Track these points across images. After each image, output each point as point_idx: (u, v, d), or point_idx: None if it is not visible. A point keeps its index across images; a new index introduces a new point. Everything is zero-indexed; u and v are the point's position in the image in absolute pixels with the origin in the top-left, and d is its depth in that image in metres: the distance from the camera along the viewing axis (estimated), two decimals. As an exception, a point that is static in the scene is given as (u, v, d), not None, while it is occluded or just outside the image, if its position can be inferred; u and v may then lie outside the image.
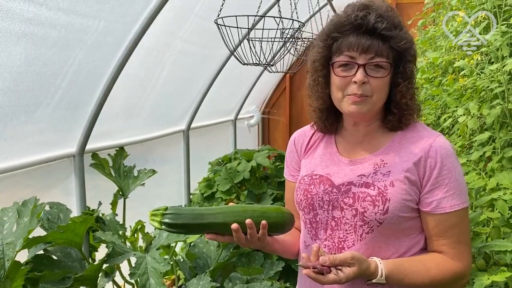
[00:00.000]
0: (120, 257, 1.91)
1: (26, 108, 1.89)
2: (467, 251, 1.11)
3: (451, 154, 1.10)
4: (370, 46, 1.07)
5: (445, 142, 1.12)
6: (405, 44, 1.10)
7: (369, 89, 1.10)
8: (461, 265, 1.09)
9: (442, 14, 2.52)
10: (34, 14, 1.62)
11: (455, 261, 1.10)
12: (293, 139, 1.37)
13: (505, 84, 1.41)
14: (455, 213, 1.08)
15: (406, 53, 1.11)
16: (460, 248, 1.10)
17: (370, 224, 1.11)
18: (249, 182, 3.48)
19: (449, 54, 2.04)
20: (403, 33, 1.11)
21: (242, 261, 2.62)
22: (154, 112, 3.14)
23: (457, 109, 1.68)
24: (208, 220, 1.10)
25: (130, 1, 2.10)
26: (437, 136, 1.14)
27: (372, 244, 1.12)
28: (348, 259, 1.02)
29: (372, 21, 1.07)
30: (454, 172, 1.09)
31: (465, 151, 1.78)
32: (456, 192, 1.08)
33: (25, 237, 1.56)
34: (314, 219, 1.21)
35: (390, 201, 1.09)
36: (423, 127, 1.19)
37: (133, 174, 2.47)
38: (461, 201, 1.09)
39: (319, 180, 1.21)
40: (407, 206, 1.10)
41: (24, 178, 2.08)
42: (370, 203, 1.11)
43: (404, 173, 1.11)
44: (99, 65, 2.20)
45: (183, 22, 2.83)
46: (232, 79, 4.28)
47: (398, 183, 1.10)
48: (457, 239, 1.10)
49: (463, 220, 1.10)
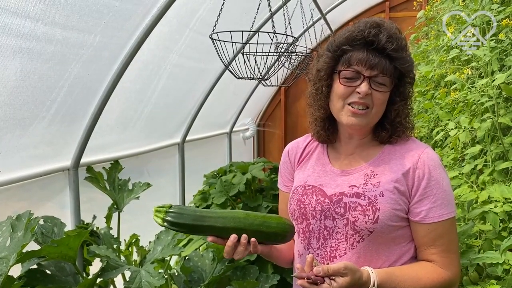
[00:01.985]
0: (114, 271, 1.89)
1: (21, 122, 1.90)
2: (455, 260, 1.14)
3: (438, 165, 1.15)
4: (378, 64, 1.12)
5: (433, 154, 1.17)
6: (408, 66, 1.16)
7: (370, 101, 1.15)
8: (450, 274, 1.13)
9: (434, 28, 2.56)
10: (30, 29, 1.64)
11: (445, 269, 1.13)
12: (286, 150, 1.40)
13: (495, 98, 1.44)
14: (444, 223, 1.12)
15: (407, 75, 1.17)
16: (449, 257, 1.13)
17: (361, 233, 1.14)
18: (244, 195, 3.48)
19: (441, 68, 2.07)
20: (408, 56, 1.16)
21: (237, 274, 2.60)
22: (149, 125, 3.14)
23: (449, 122, 1.70)
24: (209, 223, 1.12)
25: (126, 16, 2.12)
26: (425, 148, 1.18)
27: (364, 253, 1.15)
28: (341, 269, 1.04)
29: (383, 40, 1.12)
30: (442, 183, 1.13)
31: (458, 164, 1.80)
32: (444, 202, 1.12)
33: (18, 251, 1.55)
34: (307, 229, 1.23)
35: (380, 211, 1.12)
36: (412, 140, 1.23)
37: (127, 188, 2.47)
38: (448, 211, 1.13)
39: (311, 191, 1.24)
40: (397, 215, 1.13)
41: (19, 191, 2.08)
42: (360, 213, 1.14)
43: (393, 183, 1.14)
44: (95, 79, 2.21)
45: (179, 37, 2.86)
46: (227, 92, 4.31)
47: (387, 193, 1.14)
48: (446, 248, 1.13)
49: (451, 229, 1.14)
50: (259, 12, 2.69)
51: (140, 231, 2.57)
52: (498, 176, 1.43)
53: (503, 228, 1.28)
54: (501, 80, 1.38)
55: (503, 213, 1.26)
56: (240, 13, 3.09)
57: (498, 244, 1.29)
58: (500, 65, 1.54)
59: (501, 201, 1.27)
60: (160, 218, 1.12)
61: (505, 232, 1.27)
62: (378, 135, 1.22)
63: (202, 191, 3.66)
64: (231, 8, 2.40)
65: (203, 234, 1.17)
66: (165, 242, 2.16)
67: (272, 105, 5.89)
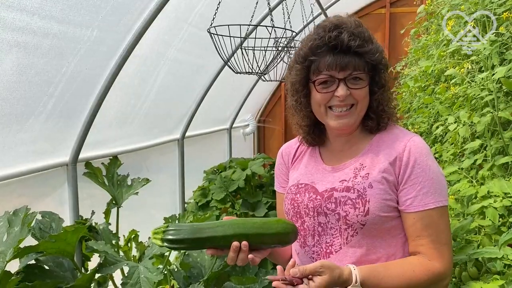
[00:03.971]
0: (112, 267, 1.89)
1: (19, 117, 1.89)
2: (446, 251, 1.10)
3: (425, 153, 1.12)
4: (348, 64, 1.12)
5: (420, 142, 1.15)
6: (378, 56, 1.15)
7: (352, 99, 1.16)
8: (439, 266, 1.08)
9: (434, 23, 2.54)
10: (27, 23, 1.62)
11: (434, 261, 1.09)
12: (280, 152, 1.42)
13: (495, 93, 1.42)
14: (430, 212, 1.09)
15: (379, 64, 1.16)
16: (438, 248, 1.09)
17: (354, 227, 1.14)
18: (244, 191, 3.47)
19: (441, 63, 2.06)
20: (375, 47, 1.16)
21: (236, 270, 2.60)
22: (148, 121, 3.13)
23: (449, 117, 1.69)
24: (208, 234, 1.10)
25: (123, 10, 2.10)
26: (412, 136, 1.17)
27: (360, 247, 1.14)
28: (318, 268, 1.02)
29: (345, 40, 1.11)
30: (428, 171, 1.11)
31: (457, 159, 1.79)
32: (430, 190, 1.09)
33: (15, 246, 1.54)
34: (302, 227, 1.24)
35: (370, 202, 1.12)
36: (399, 129, 1.22)
37: (126, 183, 2.46)
38: (435, 200, 1.09)
39: (304, 189, 1.25)
40: (388, 205, 1.12)
41: (19, 187, 2.07)
42: (351, 206, 1.13)
43: (381, 173, 1.14)
44: (93, 74, 2.20)
45: (177, 32, 2.84)
46: (227, 88, 4.29)
47: (376, 184, 1.13)
48: (435, 239, 1.09)
49: (439, 219, 1.10)
50: (259, 7, 2.68)
51: (139, 227, 2.56)
52: (498, 171, 1.42)
53: (502, 223, 1.27)
54: (501, 74, 1.36)
55: (502, 208, 1.25)
56: (239, 8, 3.08)
57: (497, 239, 1.28)
58: (501, 59, 1.52)
59: (500, 196, 1.26)
60: (159, 239, 1.10)
61: (504, 227, 1.26)
62: (365, 126, 1.22)
63: (202, 187, 3.66)
64: (230, 2, 2.39)
65: (204, 247, 1.13)
66: (163, 238, 2.15)
67: (272, 101, 5.88)
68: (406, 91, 3.03)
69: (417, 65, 2.74)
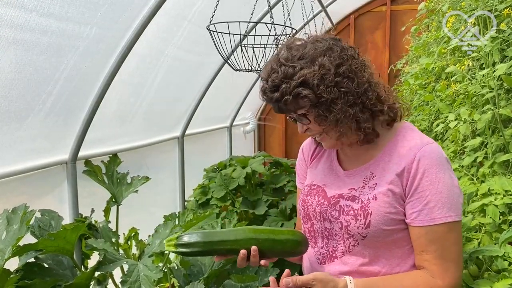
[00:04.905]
0: (112, 265, 1.88)
1: (17, 114, 1.88)
2: (451, 268, 1.04)
3: (436, 164, 1.05)
4: (285, 110, 1.10)
5: (432, 152, 1.07)
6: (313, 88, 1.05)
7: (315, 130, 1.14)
8: (441, 283, 1.04)
9: (435, 20, 2.53)
10: (25, 20, 1.62)
11: (436, 278, 1.05)
12: (302, 147, 1.41)
13: (496, 90, 1.41)
14: (436, 227, 1.04)
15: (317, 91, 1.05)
16: (442, 265, 1.04)
17: (355, 237, 1.12)
18: (244, 189, 3.47)
19: (441, 60, 2.05)
20: (300, 77, 1.05)
21: (236, 268, 2.59)
22: (148, 119, 3.13)
23: (450, 114, 1.68)
24: (220, 238, 1.14)
25: (122, 8, 2.09)
26: (425, 145, 1.08)
27: (362, 256, 1.13)
28: (310, 281, 1.02)
29: (270, 95, 1.09)
30: (437, 184, 1.04)
31: (458, 157, 1.78)
32: (437, 205, 1.03)
33: (14, 244, 1.54)
34: (312, 228, 1.24)
35: (372, 215, 1.08)
36: (415, 135, 1.14)
37: (126, 181, 2.46)
38: (443, 215, 1.03)
39: (315, 191, 1.24)
40: (391, 219, 1.08)
41: (18, 185, 2.07)
42: (352, 217, 1.11)
43: (388, 185, 1.09)
44: (92, 72, 2.19)
45: (177, 29, 2.83)
46: (227, 86, 4.28)
47: (381, 196, 1.09)
48: (439, 255, 1.04)
49: (446, 235, 1.04)
50: (259, 5, 2.67)
51: (140, 225, 2.56)
52: (499, 168, 1.41)
53: (503, 221, 1.26)
54: (502, 71, 1.35)
55: (503, 205, 1.24)
56: (239, 6, 3.06)
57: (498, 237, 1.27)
58: (502, 56, 1.51)
59: (501, 193, 1.25)
60: (173, 245, 1.14)
61: (505, 225, 1.26)
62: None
63: (202, 185, 3.66)
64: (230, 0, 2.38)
65: (215, 252, 1.15)
66: (163, 236, 2.15)
67: (273, 99, 5.86)
68: (406, 89, 3.02)
69: (418, 62, 2.73)
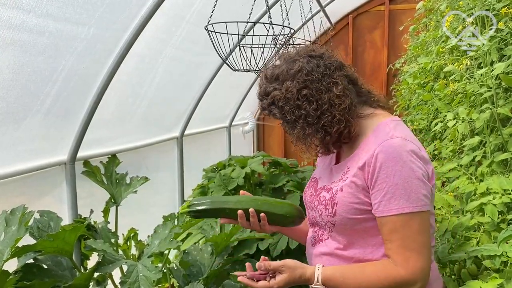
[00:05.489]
0: (111, 266, 1.88)
1: (16, 115, 1.88)
2: (413, 258, 1.09)
3: (394, 157, 1.10)
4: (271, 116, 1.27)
5: (390, 147, 1.12)
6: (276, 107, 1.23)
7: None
8: (403, 272, 1.09)
9: (433, 19, 2.53)
10: (23, 21, 1.61)
11: (399, 267, 1.10)
12: None
13: (494, 89, 1.41)
14: (394, 218, 1.10)
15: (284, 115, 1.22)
16: (404, 254, 1.09)
17: (328, 225, 1.24)
18: (243, 189, 3.46)
19: (440, 59, 2.05)
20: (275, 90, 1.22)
21: (235, 268, 2.59)
22: (147, 119, 3.12)
23: (448, 113, 1.68)
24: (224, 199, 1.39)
25: (120, 8, 2.09)
26: (385, 140, 1.14)
27: (337, 241, 1.24)
28: (280, 267, 1.15)
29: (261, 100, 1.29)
30: (393, 177, 1.09)
31: (456, 156, 1.78)
32: (394, 196, 1.09)
33: (12, 245, 1.54)
34: (308, 216, 1.39)
35: (338, 205, 1.19)
36: (388, 130, 1.18)
37: (125, 182, 2.45)
38: (399, 206, 1.09)
39: (312, 183, 1.39)
40: (355, 208, 1.16)
41: (17, 186, 2.06)
42: (323, 207, 1.24)
43: (352, 177, 1.17)
44: (90, 72, 2.19)
45: (175, 29, 2.83)
46: (226, 85, 4.28)
47: (346, 188, 1.18)
48: (401, 244, 1.10)
49: (405, 225, 1.09)
50: (257, 5, 2.67)
51: (139, 226, 2.56)
52: (497, 167, 1.41)
53: (501, 220, 1.26)
54: (500, 70, 1.35)
55: (502, 204, 1.24)
56: (237, 6, 3.06)
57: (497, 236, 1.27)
58: (500, 55, 1.51)
59: (499, 192, 1.25)
60: (186, 207, 1.39)
61: (504, 224, 1.26)
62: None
63: (201, 185, 3.65)
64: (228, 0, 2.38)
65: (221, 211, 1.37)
66: (162, 236, 2.15)
67: (272, 99, 5.86)
68: (405, 88, 3.02)
69: (416, 62, 2.73)
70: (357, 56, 5.46)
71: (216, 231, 2.50)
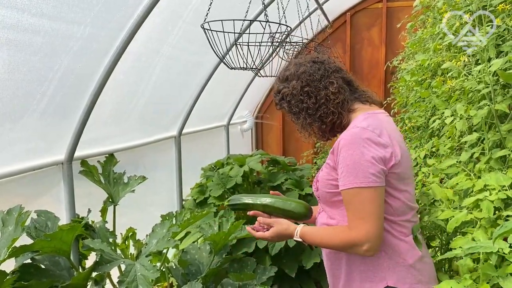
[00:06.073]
0: (109, 265, 1.88)
1: (12, 115, 1.87)
2: (361, 225, 1.33)
3: (348, 144, 1.36)
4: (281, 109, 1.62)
5: (349, 135, 1.38)
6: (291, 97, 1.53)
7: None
8: (353, 235, 1.34)
9: (431, 16, 2.53)
10: (17, 20, 1.60)
11: (351, 230, 1.35)
12: None
13: (492, 85, 1.41)
14: (347, 191, 1.36)
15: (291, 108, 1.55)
16: (355, 221, 1.35)
17: (319, 199, 1.56)
18: (242, 187, 3.45)
19: (437, 56, 2.04)
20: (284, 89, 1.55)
21: (234, 266, 2.59)
22: (144, 118, 3.12)
23: (446, 111, 1.67)
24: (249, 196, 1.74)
25: (116, 7, 2.08)
26: (350, 129, 1.42)
27: (325, 212, 1.54)
28: (272, 223, 1.56)
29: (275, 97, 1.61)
30: (347, 159, 1.35)
31: (455, 153, 1.78)
32: (346, 175, 1.35)
33: (9, 245, 1.53)
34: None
35: (319, 182, 1.51)
36: (358, 122, 1.43)
37: (123, 181, 2.45)
38: (349, 182, 1.34)
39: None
40: (330, 184, 1.45)
41: (15, 186, 2.06)
42: (314, 184, 1.56)
43: (327, 160, 1.46)
44: (86, 72, 2.18)
45: (172, 28, 2.82)
46: (224, 84, 4.27)
47: (324, 168, 1.49)
48: (352, 213, 1.35)
49: (355, 197, 1.34)
50: (254, 3, 2.66)
51: (138, 225, 2.55)
52: (495, 164, 1.41)
53: (498, 216, 1.26)
54: (497, 66, 1.35)
55: (499, 200, 1.24)
56: (233, 4, 3.05)
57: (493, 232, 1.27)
58: (497, 51, 1.51)
59: (496, 188, 1.25)
60: (227, 202, 1.78)
61: (501, 220, 1.25)
62: None
63: (200, 184, 3.64)
64: (224, -2, 2.37)
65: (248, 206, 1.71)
66: (160, 235, 2.14)
67: (270, 97, 5.85)
68: (403, 86, 3.02)
69: (414, 59, 2.72)
70: (354, 53, 5.45)
71: (215, 230, 2.49)
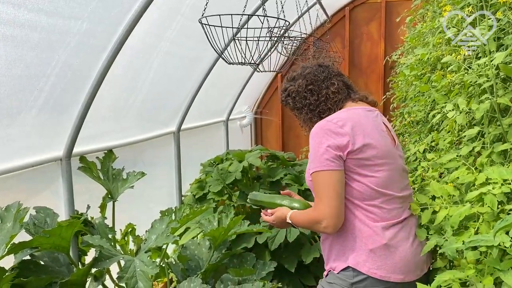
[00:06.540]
0: (108, 261, 1.87)
1: (9, 111, 1.86)
2: (320, 204, 1.52)
3: (313, 135, 1.56)
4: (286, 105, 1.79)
5: (315, 128, 1.57)
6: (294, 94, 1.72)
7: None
8: (315, 213, 1.55)
9: (430, 10, 2.51)
10: (14, 15, 1.59)
11: (314, 210, 1.56)
12: None
13: (493, 79, 1.40)
14: (311, 176, 1.54)
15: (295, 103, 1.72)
16: (316, 201, 1.55)
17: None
18: (241, 183, 3.45)
19: (436, 50, 2.03)
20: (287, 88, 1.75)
21: (234, 262, 2.59)
22: (143, 114, 3.10)
23: (446, 105, 1.66)
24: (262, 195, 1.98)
25: (113, 2, 2.06)
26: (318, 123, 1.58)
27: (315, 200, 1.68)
28: (275, 210, 1.79)
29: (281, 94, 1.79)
30: (311, 148, 1.56)
31: (454, 147, 1.77)
32: (311, 161, 1.54)
33: (7, 242, 1.52)
34: None
35: (306, 173, 1.65)
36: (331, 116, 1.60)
37: (122, 177, 2.44)
38: (310, 167, 1.55)
39: None
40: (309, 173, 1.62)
41: (13, 182, 2.05)
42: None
43: None
44: (84, 67, 2.17)
45: (169, 23, 2.80)
46: (223, 79, 4.26)
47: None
48: (316, 195, 1.54)
49: (316, 181, 1.53)
50: (252, -3, 2.64)
51: (137, 221, 2.55)
52: (497, 158, 1.40)
53: (501, 210, 1.25)
54: (500, 60, 1.33)
55: (502, 194, 1.23)
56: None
57: (496, 227, 1.26)
58: (498, 44, 1.49)
59: (499, 182, 1.24)
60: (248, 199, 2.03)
61: (503, 214, 1.24)
62: None
63: (199, 179, 3.63)
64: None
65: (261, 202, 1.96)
66: (159, 231, 2.14)
67: (269, 93, 5.84)
68: (402, 80, 3.01)
69: (413, 53, 2.71)
70: (354, 48, 5.43)
71: (214, 225, 2.49)
